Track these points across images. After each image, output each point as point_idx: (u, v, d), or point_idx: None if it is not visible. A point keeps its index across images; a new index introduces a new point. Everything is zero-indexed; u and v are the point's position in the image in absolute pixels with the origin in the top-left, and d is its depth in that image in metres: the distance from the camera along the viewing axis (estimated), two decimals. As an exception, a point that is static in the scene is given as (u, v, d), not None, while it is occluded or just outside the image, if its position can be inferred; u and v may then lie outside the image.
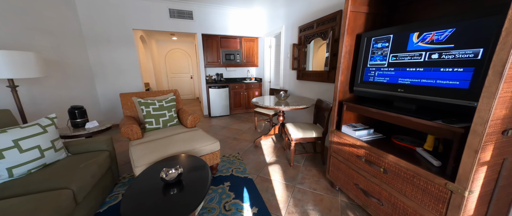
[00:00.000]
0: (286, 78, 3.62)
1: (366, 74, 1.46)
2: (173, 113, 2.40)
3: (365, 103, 1.49)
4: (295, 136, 2.09)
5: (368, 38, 1.42)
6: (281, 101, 2.59)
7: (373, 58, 1.39)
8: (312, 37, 2.71)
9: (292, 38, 3.29)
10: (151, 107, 2.24)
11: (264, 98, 2.96)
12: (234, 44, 4.82)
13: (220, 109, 4.57)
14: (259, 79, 4.98)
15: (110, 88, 3.67)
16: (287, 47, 3.47)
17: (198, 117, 2.41)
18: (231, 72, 5.21)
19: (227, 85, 4.56)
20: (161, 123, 2.28)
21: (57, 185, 1.18)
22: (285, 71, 3.63)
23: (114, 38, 3.52)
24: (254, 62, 4.97)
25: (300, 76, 3.12)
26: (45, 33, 2.45)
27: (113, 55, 3.58)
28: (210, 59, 4.54)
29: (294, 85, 3.36)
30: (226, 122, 4.12)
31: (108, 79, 3.63)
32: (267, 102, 2.59)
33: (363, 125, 1.59)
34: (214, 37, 4.43)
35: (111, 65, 3.60)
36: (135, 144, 1.83)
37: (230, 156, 2.47)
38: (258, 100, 2.69)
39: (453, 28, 0.97)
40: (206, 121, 4.19)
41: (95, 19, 3.34)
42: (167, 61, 6.69)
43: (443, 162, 1.05)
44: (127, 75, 3.75)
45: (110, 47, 3.53)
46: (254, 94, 4.87)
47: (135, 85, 3.83)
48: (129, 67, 3.73)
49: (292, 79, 3.42)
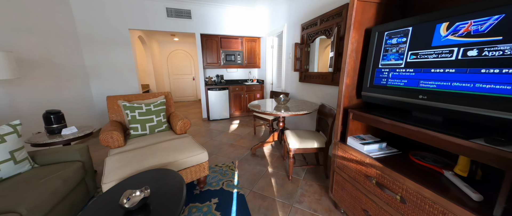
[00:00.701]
0: (288, 80, 3.38)
1: (377, 76, 1.20)
2: (162, 118, 2.21)
3: (375, 111, 1.23)
4: (293, 146, 1.84)
5: (379, 32, 1.16)
6: (280, 106, 2.35)
7: (386, 57, 1.14)
8: (315, 35, 2.46)
9: (294, 37, 3.05)
10: (137, 111, 2.06)
11: (263, 102, 2.72)
12: (235, 45, 4.62)
13: (219, 112, 4.38)
14: (261, 81, 4.75)
15: (106, 89, 3.56)
16: (289, 47, 3.23)
17: (188, 122, 2.21)
18: (232, 73, 5.01)
19: (227, 87, 4.36)
20: (148, 129, 2.10)
21: (2, 208, 0.99)
22: (287, 73, 3.39)
23: (109, 38, 3.40)
24: (256, 63, 4.75)
25: (302, 78, 2.86)
26: (31, 32, 2.33)
27: (108, 56, 3.46)
28: (210, 60, 4.37)
29: (296, 88, 3.10)
30: (225, 126, 3.91)
31: (104, 80, 3.52)
32: (265, 106, 2.36)
33: (374, 137, 1.33)
34: (213, 37, 4.26)
35: (106, 65, 3.48)
36: (113, 153, 1.65)
37: (224, 166, 2.25)
38: (255, 104, 2.46)
39: (501, 14, 0.71)
40: (204, 125, 4.00)
41: (90, 18, 3.23)
42: (169, 62, 6.59)
43: (486, 195, 0.78)
44: (123, 77, 3.62)
45: (105, 47, 3.42)
46: (255, 96, 4.65)
47: (131, 87, 3.70)
48: (125, 68, 3.61)
49: (294, 81, 3.17)
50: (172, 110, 2.64)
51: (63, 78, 2.80)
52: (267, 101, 2.81)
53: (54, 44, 2.68)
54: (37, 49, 2.40)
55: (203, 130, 3.66)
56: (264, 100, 2.93)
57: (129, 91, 3.70)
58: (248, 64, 4.69)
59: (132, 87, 3.71)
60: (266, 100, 2.92)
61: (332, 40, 2.09)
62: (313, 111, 2.11)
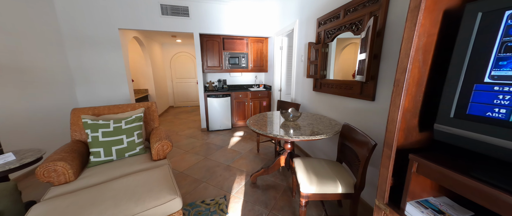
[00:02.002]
0: (299, 88, 2.80)
1: (477, 99, 0.61)
2: (135, 138, 1.73)
3: (461, 159, 0.64)
4: (306, 191, 1.27)
5: (487, 13, 0.58)
6: (288, 124, 1.79)
7: (508, 61, 0.55)
8: (337, 32, 1.88)
9: (307, 36, 2.48)
10: (101, 130, 1.60)
11: (266, 117, 2.17)
12: (239, 46, 4.13)
13: (220, 122, 3.88)
14: (268, 87, 4.20)
15: (94, 97, 3.18)
16: (301, 47, 2.66)
17: (168, 145, 1.71)
18: (236, 78, 4.51)
19: (230, 94, 3.86)
20: (115, 153, 1.62)
21: None
22: (298, 79, 2.81)
23: (97, 38, 3.03)
24: (262, 67, 4.22)
25: (317, 86, 2.28)
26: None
27: (97, 59, 3.09)
28: (211, 63, 3.90)
29: (310, 98, 2.52)
30: (225, 139, 3.39)
31: (91, 86, 3.15)
32: (271, 123, 1.81)
33: (450, 201, 0.74)
34: (215, 37, 3.78)
35: (95, 70, 3.11)
36: (49, 196, 1.17)
37: (212, 203, 1.72)
38: (257, 120, 1.92)
39: None
40: (202, 137, 3.51)
41: (75, 16, 2.87)
42: (172, 65, 6.25)
43: None
44: (113, 82, 3.23)
45: (93, 49, 3.05)
46: (261, 104, 4.10)
47: (122, 94, 3.31)
48: (116, 73, 3.22)
49: (306, 89, 2.59)
50: (156, 124, 2.16)
51: (38, 84, 2.43)
52: (273, 115, 2.25)
53: (29, 45, 2.32)
54: (4, 52, 2.03)
55: (198, 144, 3.17)
56: (270, 114, 2.37)
57: (120, 98, 3.30)
58: (254, 67, 4.16)
59: (123, 94, 3.31)
60: (272, 114, 2.36)
61: (362, 37, 1.50)
62: (334, 135, 1.53)
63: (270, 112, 2.37)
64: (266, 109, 4.17)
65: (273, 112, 2.37)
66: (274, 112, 2.37)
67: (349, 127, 1.45)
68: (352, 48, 1.94)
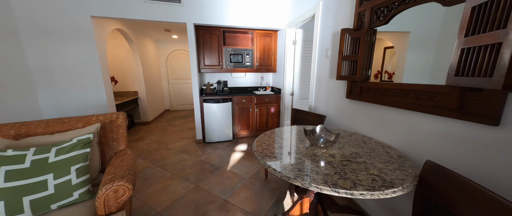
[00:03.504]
0: (322, 93, 2.10)
1: None
2: (73, 176, 1.06)
3: None
4: None
5: None
6: (318, 151, 1.10)
7: None
8: (399, 6, 1.18)
9: (337, 22, 1.79)
10: (4, 168, 0.94)
11: (281, 135, 1.48)
12: (243, 41, 3.46)
13: (219, 132, 3.21)
14: (277, 90, 3.52)
15: (61, 102, 2.56)
16: (326, 38, 1.97)
17: (127, 189, 1.04)
18: (238, 79, 3.84)
19: (231, 98, 3.19)
20: (29, 207, 0.96)
21: None
22: (320, 81, 2.12)
23: (64, 29, 2.40)
24: (270, 66, 3.54)
25: (355, 92, 1.58)
26: None
27: (63, 55, 2.46)
28: (209, 61, 3.24)
29: (340, 108, 1.82)
30: (224, 155, 2.71)
31: (58, 89, 2.52)
32: (288, 151, 1.12)
33: None
34: (214, 30, 3.12)
35: (60, 69, 2.49)
36: None
37: None
38: (265, 145, 1.23)
39: None
40: (195, 152, 2.84)
41: (33, 1, 2.25)
42: (168, 64, 5.63)
43: None
44: (85, 83, 2.60)
45: (58, 43, 2.42)
46: (268, 111, 3.42)
47: (97, 98, 2.67)
48: (88, 72, 2.58)
49: (334, 95, 1.89)
50: (121, 146, 1.50)
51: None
52: (290, 133, 1.56)
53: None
54: None
55: (190, 163, 2.50)
56: (284, 131, 1.68)
57: (95, 103, 2.67)
58: (260, 67, 3.49)
59: (98, 98, 2.67)
60: (287, 131, 1.67)
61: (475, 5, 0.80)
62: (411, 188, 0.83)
63: (284, 129, 1.67)
64: (274, 117, 3.48)
65: (290, 129, 1.68)
66: (290, 129, 1.68)
67: (445, 171, 0.75)
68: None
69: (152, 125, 4.31)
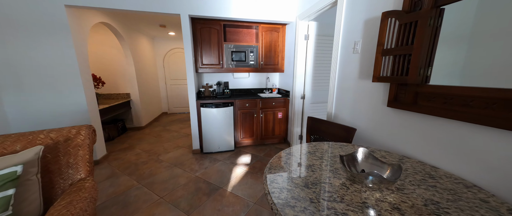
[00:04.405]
0: (347, 99, 1.66)
1: None
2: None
3: None
4: None
5: None
6: (368, 194, 0.66)
7: None
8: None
9: (372, 6, 1.36)
10: None
11: (298, 155, 1.05)
12: (246, 36, 3.05)
13: (218, 141, 2.79)
14: (285, 92, 3.09)
15: (31, 108, 2.17)
16: (355, 29, 1.53)
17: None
18: (241, 79, 3.42)
19: (233, 102, 2.77)
20: None
21: None
22: (344, 83, 1.68)
23: (32, 21, 2.01)
24: (277, 65, 3.11)
25: (403, 100, 1.15)
26: None
27: (31, 52, 2.07)
28: (207, 59, 2.82)
29: (376, 119, 1.38)
30: (224, 170, 2.29)
31: (27, 92, 2.13)
32: (316, 190, 0.68)
33: None
34: (213, 23, 2.71)
35: (28, 68, 2.09)
36: None
37: None
38: (282, 181, 0.80)
39: None
40: (190, 166, 2.43)
41: (-6, -14, 1.87)
42: (166, 64, 5.24)
43: None
44: (60, 85, 2.21)
45: (25, 38, 2.03)
46: (275, 116, 2.99)
47: (74, 103, 2.27)
48: (63, 72, 2.19)
49: (367, 102, 1.45)
50: (80, 175, 1.09)
51: None
52: (305, 152, 1.13)
53: None
54: None
55: (183, 181, 2.08)
56: (298, 149, 1.25)
57: (73, 109, 2.27)
58: (265, 66, 3.06)
59: (76, 102, 2.28)
60: (303, 150, 1.24)
61: None
62: None
63: (304, 148, 1.24)
64: (282, 124, 3.05)
65: (310, 149, 1.24)
66: (311, 148, 1.24)
67: None
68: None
69: (146, 130, 3.91)
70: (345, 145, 1.23)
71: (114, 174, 2.21)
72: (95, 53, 3.63)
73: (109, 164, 2.46)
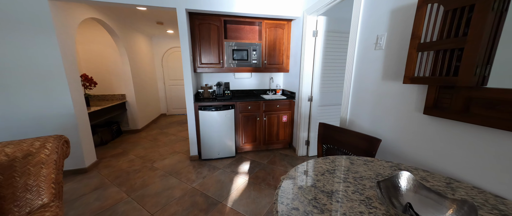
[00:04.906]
0: (366, 102, 1.43)
1: None
2: None
3: None
4: None
5: None
6: None
7: None
8: None
9: (401, -9, 1.13)
10: None
11: (316, 177, 0.82)
12: (249, 33, 2.84)
13: (218, 147, 2.57)
14: (290, 94, 2.86)
15: (12, 110, 1.96)
16: (378, 20, 1.30)
17: None
18: (242, 80, 3.20)
19: (234, 104, 2.55)
20: None
21: None
22: (364, 85, 1.45)
23: (10, 15, 1.81)
24: (282, 65, 2.89)
25: (448, 106, 0.91)
26: None
27: (10, 49, 1.87)
28: (206, 58, 2.61)
29: (408, 129, 1.14)
30: (224, 180, 2.07)
31: (7, 93, 1.93)
32: None
33: None
34: (212, 19, 2.49)
35: (8, 67, 1.89)
36: None
37: None
38: (296, 210, 0.58)
39: None
40: (187, 175, 2.21)
41: (-33, -24, 1.67)
42: (164, 64, 5.04)
43: None
44: (43, 86, 2.00)
45: (5, 35, 1.83)
46: (280, 120, 2.77)
47: (60, 105, 2.07)
48: (46, 72, 1.98)
49: (396, 107, 1.22)
50: (42, 199, 0.88)
51: None
52: (322, 170, 0.90)
53: None
54: None
55: (178, 193, 1.86)
56: (313, 166, 1.02)
57: (58, 111, 2.07)
58: (269, 65, 2.84)
59: (62, 105, 2.07)
60: (318, 167, 1.01)
61: None
62: None
63: (321, 165, 1.01)
64: (287, 128, 2.82)
65: (330, 165, 1.01)
66: (330, 164, 1.01)
67: None
68: None
69: (142, 133, 3.71)
70: (369, 161, 1.00)
71: (102, 185, 2.00)
72: (88, 51, 3.44)
73: (98, 172, 2.25)
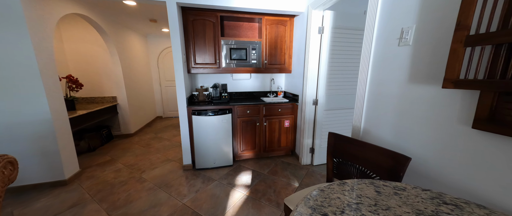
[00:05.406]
0: (386, 109, 1.19)
1: None
2: None
3: None
4: None
5: None
6: None
7: None
8: None
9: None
10: None
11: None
12: (247, 31, 2.61)
13: (214, 155, 2.34)
14: (293, 97, 2.63)
15: (-20, 116, 1.74)
16: (402, 10, 1.06)
17: None
18: (241, 81, 2.97)
19: (230, 109, 2.32)
20: None
21: None
22: (384, 88, 1.21)
23: (-22, 9, 1.58)
24: (284, 65, 2.66)
25: (505, 120, 0.67)
26: None
27: (-22, 47, 1.64)
28: (201, 58, 2.38)
29: (449, 146, 0.90)
30: (217, 197, 1.83)
31: (-26, 97, 1.70)
32: None
33: None
34: (207, 14, 2.26)
35: (-25, 68, 1.67)
36: None
37: None
38: None
39: None
40: (179, 188, 1.97)
41: None
42: (160, 64, 4.82)
43: None
44: (13, 90, 1.77)
45: (-31, 30, 1.60)
46: (282, 125, 2.53)
47: (33, 111, 1.84)
48: (16, 73, 1.76)
49: (430, 118, 0.98)
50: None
51: None
52: (340, 208, 0.66)
53: None
54: None
55: (165, 212, 1.62)
56: (327, 195, 0.78)
57: (32, 118, 1.84)
58: (270, 65, 2.61)
59: (37, 111, 1.84)
60: (324, 201, 0.76)
61: None
62: None
63: (329, 195, 0.78)
64: (289, 134, 2.59)
65: (340, 196, 0.78)
66: (333, 195, 0.78)
67: None
68: None
69: (135, 138, 3.48)
70: (401, 189, 0.77)
71: (81, 201, 1.76)
72: (76, 51, 3.22)
73: (79, 184, 2.02)
